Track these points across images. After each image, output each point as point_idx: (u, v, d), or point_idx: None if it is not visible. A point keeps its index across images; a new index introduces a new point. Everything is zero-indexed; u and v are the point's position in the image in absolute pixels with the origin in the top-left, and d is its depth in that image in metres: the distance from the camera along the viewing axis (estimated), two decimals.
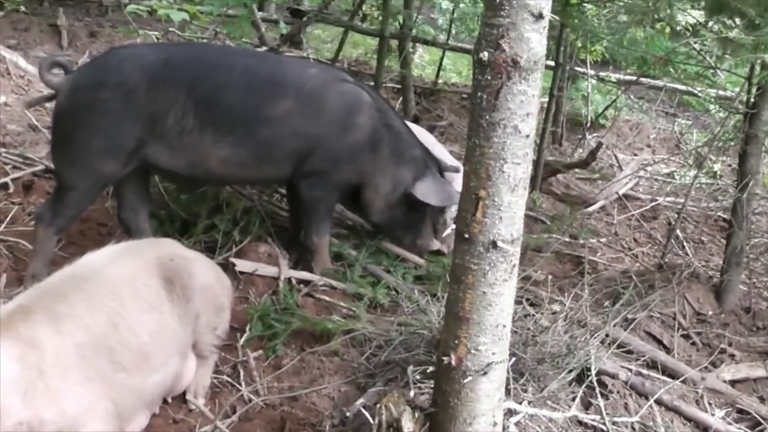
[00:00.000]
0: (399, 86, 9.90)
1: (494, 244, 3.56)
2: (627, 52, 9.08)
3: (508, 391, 4.47)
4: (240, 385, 4.88)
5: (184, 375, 4.58)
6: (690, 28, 8.84)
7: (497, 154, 3.46)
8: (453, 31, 11.93)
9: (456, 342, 3.75)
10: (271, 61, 6.38)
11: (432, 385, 4.22)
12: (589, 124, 10.93)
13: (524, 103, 3.43)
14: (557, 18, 7.08)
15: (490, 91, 3.41)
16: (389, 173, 6.00)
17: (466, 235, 3.59)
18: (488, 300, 3.66)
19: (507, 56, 3.35)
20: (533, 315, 5.24)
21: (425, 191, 6.08)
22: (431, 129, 8.09)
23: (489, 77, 3.40)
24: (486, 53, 3.37)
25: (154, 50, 5.82)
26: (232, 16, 9.15)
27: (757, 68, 6.20)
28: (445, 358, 3.81)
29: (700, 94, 10.80)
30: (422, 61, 13.15)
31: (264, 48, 9.71)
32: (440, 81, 11.43)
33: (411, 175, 6.09)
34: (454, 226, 3.95)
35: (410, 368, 4.52)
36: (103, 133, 5.33)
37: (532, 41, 3.36)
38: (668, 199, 9.27)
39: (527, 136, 3.49)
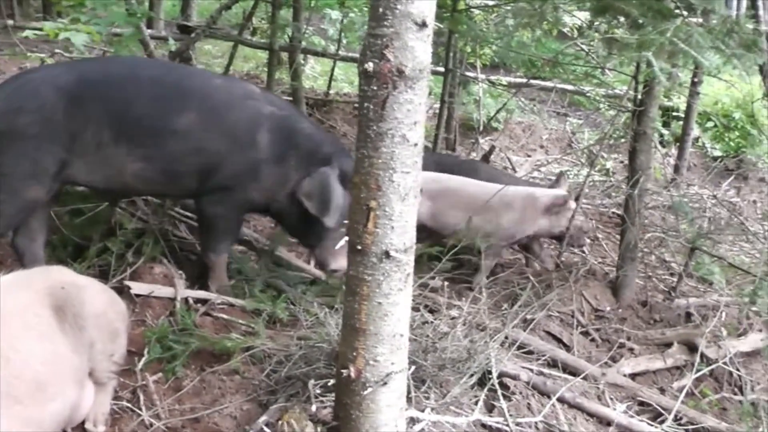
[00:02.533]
0: (291, 98, 9.86)
1: (387, 254, 3.56)
2: (515, 55, 9.17)
3: (410, 399, 4.47)
4: (140, 409, 4.78)
5: (82, 404, 4.47)
6: (576, 30, 8.97)
7: (386, 164, 3.46)
8: (344, 41, 11.93)
9: (354, 354, 3.74)
10: (179, 71, 6.20)
11: (334, 399, 4.20)
12: (481, 128, 11.01)
13: (411, 112, 3.44)
14: (441, 26, 7.13)
15: (376, 102, 3.41)
16: (296, 185, 5.83)
17: (359, 247, 3.58)
18: (384, 310, 3.66)
19: (392, 66, 3.35)
20: (432, 322, 5.25)
21: (309, 190, 5.77)
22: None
23: (375, 87, 3.40)
24: (371, 64, 3.37)
25: (66, 70, 5.67)
26: (118, 34, 9.04)
27: (643, 66, 6.31)
28: (344, 371, 3.79)
29: (589, 94, 10.96)
30: (314, 72, 13.14)
31: None
32: (332, 92, 11.42)
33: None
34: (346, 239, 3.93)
35: (311, 382, 4.49)
36: (26, 158, 5.22)
37: (417, 50, 3.37)
38: None
39: (416, 144, 3.49)
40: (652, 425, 5.29)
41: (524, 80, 11.30)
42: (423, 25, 3.34)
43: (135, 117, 5.37)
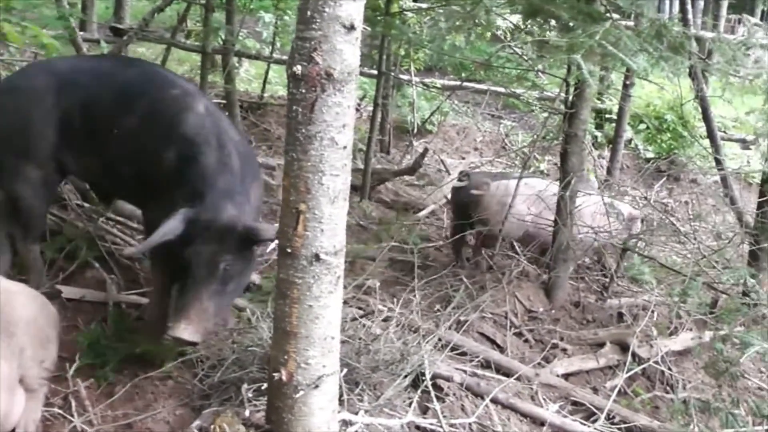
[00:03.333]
0: (224, 102, 9.80)
1: (317, 257, 3.56)
2: (448, 58, 9.21)
3: (343, 402, 4.47)
4: (72, 416, 4.74)
5: (12, 411, 4.42)
6: (509, 33, 9.02)
7: (315, 167, 3.46)
8: (278, 44, 11.89)
9: (285, 357, 3.74)
10: (138, 72, 5.68)
11: (266, 402, 4.18)
12: (415, 131, 11.03)
13: (340, 115, 3.44)
14: (373, 29, 7.13)
15: (305, 105, 3.41)
16: None
17: (289, 250, 3.58)
18: (315, 313, 3.66)
19: (320, 69, 3.35)
20: (365, 324, 5.26)
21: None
22: None
23: (303, 90, 3.40)
24: (299, 67, 3.37)
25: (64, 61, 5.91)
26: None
27: (574, 69, 6.35)
28: (275, 374, 3.79)
29: (522, 97, 11.03)
30: (248, 75, 13.06)
31: None
32: (266, 94, 11.38)
33: None
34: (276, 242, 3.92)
35: (244, 387, 4.48)
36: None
37: (345, 53, 3.37)
38: None
39: (344, 147, 3.50)
40: (585, 424, 5.34)
41: (458, 83, 11.33)
42: (351, 28, 3.35)
43: (98, 115, 5.31)
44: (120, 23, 12.03)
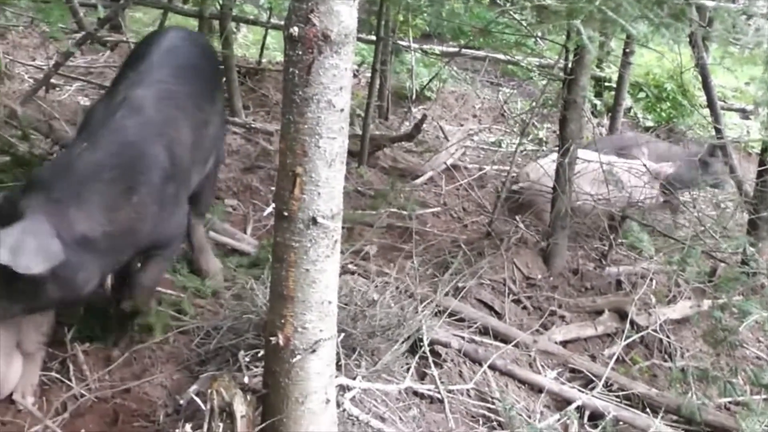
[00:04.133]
0: (222, 67, 9.76)
1: (314, 221, 3.52)
2: (447, 24, 9.14)
3: (340, 367, 4.47)
4: (70, 380, 4.75)
5: (10, 375, 4.42)
6: None
7: (312, 130, 3.41)
8: (276, 9, 11.81)
9: (282, 321, 3.71)
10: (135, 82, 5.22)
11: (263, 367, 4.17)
12: (414, 97, 10.98)
13: (337, 77, 3.40)
14: None
15: (301, 67, 3.37)
16: None
17: (285, 213, 3.54)
18: (312, 277, 3.62)
19: (317, 30, 3.30)
20: (362, 289, 5.24)
21: None
22: None
23: (300, 52, 3.35)
24: (296, 28, 3.32)
25: None
26: (46, 1, 8.88)
27: (574, 35, 6.31)
28: (272, 339, 3.75)
29: (521, 63, 10.97)
30: (246, 40, 12.99)
31: (82, 33, 9.45)
32: (264, 60, 11.30)
33: None
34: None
35: (241, 353, 4.48)
36: None
37: (343, 14, 3.33)
38: (495, 167, 9.39)
39: (342, 110, 3.46)
40: (583, 392, 5.34)
41: (457, 49, 11.26)
42: None
43: None
44: None
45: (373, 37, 9.17)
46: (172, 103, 5.01)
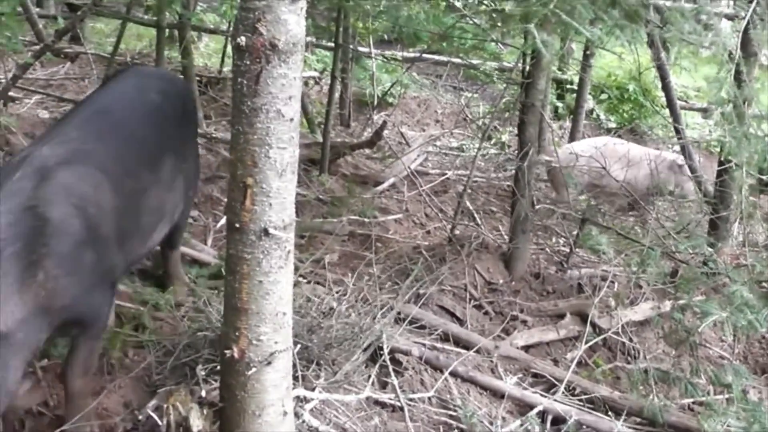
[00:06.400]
0: (182, 76, 9.71)
1: (266, 232, 3.50)
2: (405, 30, 9.13)
3: (298, 378, 4.44)
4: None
5: None
6: (466, 3, 8.96)
7: (262, 140, 3.40)
8: (230, 17, 11.77)
9: (237, 334, 3.69)
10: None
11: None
12: (376, 104, 10.96)
13: (286, 87, 3.38)
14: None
15: (249, 77, 3.36)
16: None
17: (237, 225, 3.53)
18: (265, 289, 3.61)
19: (265, 40, 3.29)
20: (319, 298, 5.22)
21: None
22: None
23: (248, 62, 3.35)
24: (243, 38, 3.32)
25: None
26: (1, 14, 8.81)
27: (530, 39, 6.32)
28: (227, 351, 3.74)
29: (481, 67, 10.98)
30: (208, 49, 12.94)
31: (40, 45, 9.37)
32: (225, 69, 11.26)
33: None
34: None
35: (199, 366, 4.44)
36: None
37: (290, 23, 3.31)
38: (457, 172, 9.40)
39: (291, 119, 3.44)
40: (545, 396, 5.33)
41: (418, 55, 11.27)
42: None
43: None
44: None
45: (332, 44, 9.14)
46: (89, 164, 4.30)
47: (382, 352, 5.04)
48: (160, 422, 3.85)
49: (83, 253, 4.08)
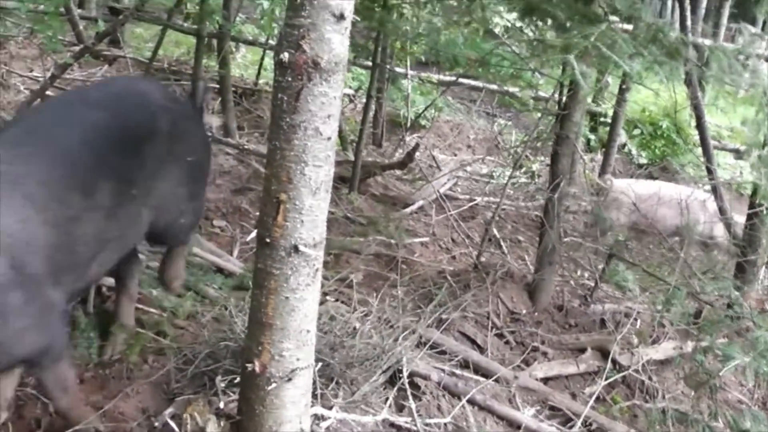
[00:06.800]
0: (218, 86, 9.76)
1: (296, 249, 3.51)
2: (443, 53, 9.15)
3: (316, 396, 4.43)
4: (46, 397, 4.69)
5: None
6: (505, 30, 8.98)
7: (298, 157, 3.41)
8: (275, 31, 11.81)
9: (260, 349, 3.69)
10: None
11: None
12: (409, 125, 10.98)
13: (326, 105, 3.39)
14: (360, 19, 7.06)
15: (290, 93, 3.36)
16: None
17: (268, 240, 3.53)
18: (291, 305, 3.61)
19: (308, 57, 3.30)
20: (343, 317, 5.22)
21: None
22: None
23: (289, 79, 3.35)
24: (286, 54, 3.32)
25: None
26: (45, 13, 8.89)
27: (568, 70, 6.31)
28: (249, 365, 3.74)
29: (517, 95, 10.98)
30: (245, 60, 13.00)
31: (80, 46, 9.44)
32: (261, 81, 11.31)
33: None
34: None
35: (218, 377, 4.44)
36: None
37: (334, 42, 3.32)
38: (486, 198, 9.39)
39: (329, 138, 3.45)
40: (561, 430, 5.30)
41: (454, 78, 11.28)
42: (341, 17, 3.30)
43: None
44: (118, 2, 11.94)
45: (370, 63, 9.16)
46: (15, 193, 3.74)
47: (401, 375, 5.02)
48: (176, 430, 3.84)
49: (9, 294, 3.65)
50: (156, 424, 4.38)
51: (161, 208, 4.59)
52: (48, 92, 8.51)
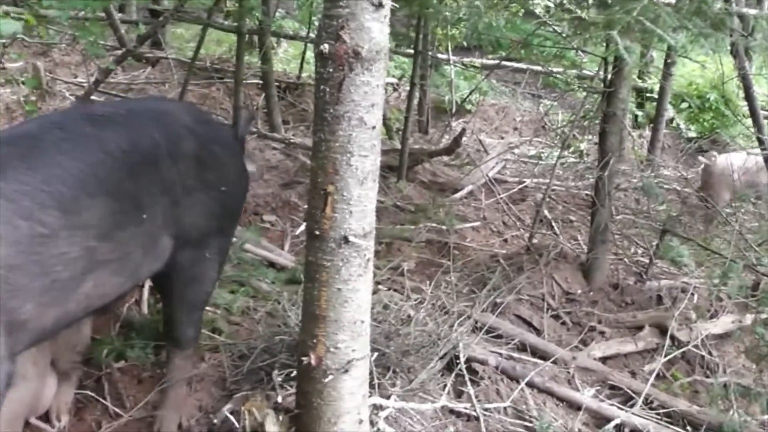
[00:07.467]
0: (261, 82, 9.78)
1: (346, 240, 3.49)
2: (485, 37, 9.12)
3: (374, 386, 4.42)
4: (105, 398, 4.72)
5: (44, 394, 4.41)
6: (546, 11, 8.92)
7: (343, 148, 3.40)
8: (315, 24, 11.81)
9: (314, 341, 3.69)
10: None
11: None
12: (454, 110, 10.95)
13: (368, 94, 3.37)
14: (398, 6, 7.04)
15: (332, 84, 3.35)
16: None
17: (317, 232, 3.52)
18: (344, 296, 3.60)
19: (348, 47, 3.28)
20: (396, 305, 5.21)
21: None
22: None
23: (331, 70, 3.34)
24: (327, 45, 3.31)
25: None
26: (86, 19, 8.95)
27: (612, 47, 6.25)
28: (304, 359, 3.74)
29: (559, 75, 10.91)
30: (287, 55, 13.02)
31: (122, 50, 9.50)
32: (304, 75, 11.31)
33: None
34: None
35: (275, 372, 4.44)
36: None
37: (373, 31, 3.30)
38: (535, 180, 9.34)
39: (373, 127, 3.43)
40: (622, 409, 5.26)
41: (496, 62, 11.23)
42: (379, 5, 3.28)
43: None
44: (158, 4, 11.99)
45: (412, 51, 9.14)
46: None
47: (458, 361, 5.00)
48: (236, 425, 3.86)
49: None
50: (215, 421, 4.40)
51: (183, 237, 4.19)
52: (92, 97, 8.58)
